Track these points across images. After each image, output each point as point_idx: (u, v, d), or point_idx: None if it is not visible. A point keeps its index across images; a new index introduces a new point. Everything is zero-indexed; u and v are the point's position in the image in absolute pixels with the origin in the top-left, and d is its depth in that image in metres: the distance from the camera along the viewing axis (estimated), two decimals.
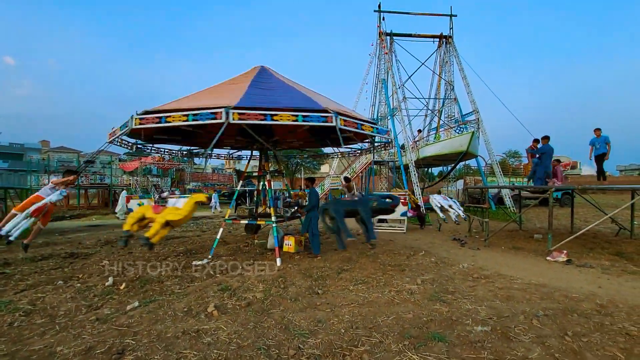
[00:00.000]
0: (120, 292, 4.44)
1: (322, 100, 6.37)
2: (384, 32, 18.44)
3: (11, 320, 3.51)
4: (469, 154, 15.58)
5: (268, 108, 5.24)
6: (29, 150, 46.85)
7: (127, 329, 3.32)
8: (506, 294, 4.40)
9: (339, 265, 5.84)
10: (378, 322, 3.48)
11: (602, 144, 8.99)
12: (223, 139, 8.16)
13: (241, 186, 8.21)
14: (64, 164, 34.80)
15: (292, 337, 3.15)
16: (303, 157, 24.19)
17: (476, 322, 3.49)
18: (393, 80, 17.90)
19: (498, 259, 6.72)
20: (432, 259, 6.53)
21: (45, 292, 4.42)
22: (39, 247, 7.67)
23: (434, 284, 4.86)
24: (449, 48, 19.01)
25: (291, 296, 4.27)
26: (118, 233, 10.41)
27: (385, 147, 8.78)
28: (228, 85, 6.68)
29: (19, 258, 6.40)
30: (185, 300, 4.10)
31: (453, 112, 19.66)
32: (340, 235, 6.51)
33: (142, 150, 8.62)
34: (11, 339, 3.12)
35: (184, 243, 8.29)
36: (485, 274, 5.46)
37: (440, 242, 8.63)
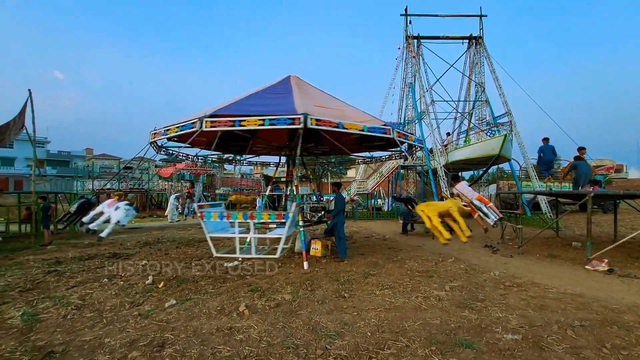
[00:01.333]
0: (159, 290, 4.75)
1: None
2: (410, 36, 18.29)
3: (65, 313, 3.88)
4: (502, 157, 15.00)
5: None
6: (74, 157, 50.49)
7: (166, 324, 3.57)
8: (539, 303, 4.25)
9: (365, 270, 5.87)
10: (404, 327, 3.49)
11: None
12: (255, 145, 8.50)
13: (269, 191, 8.45)
14: (106, 170, 37.17)
15: (319, 337, 3.24)
16: (330, 163, 24.32)
17: (506, 330, 3.41)
18: (421, 83, 17.66)
19: (532, 267, 6.46)
20: (462, 265, 6.39)
21: (93, 289, 4.82)
22: (85, 247, 8.31)
23: (463, 291, 4.78)
24: (479, 49, 18.50)
25: (318, 299, 4.37)
26: (155, 235, 11.04)
27: (410, 150, 8.69)
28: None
29: (68, 257, 6.98)
30: (218, 300, 4.32)
31: (484, 114, 19.05)
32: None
33: (176, 156, 9.11)
34: (66, 330, 3.45)
35: (216, 245, 8.62)
36: (518, 282, 5.29)
37: (471, 249, 8.40)
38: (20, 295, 4.55)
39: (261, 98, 6.57)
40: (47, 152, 48.20)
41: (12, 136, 10.90)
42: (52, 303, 4.19)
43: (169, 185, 24.84)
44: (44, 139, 47.48)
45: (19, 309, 3.96)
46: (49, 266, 6.16)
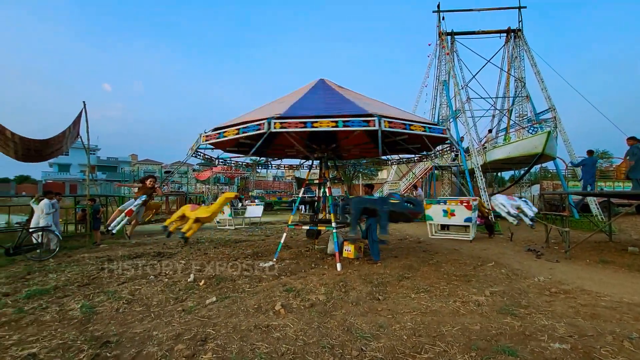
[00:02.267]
0: (200, 288, 4.99)
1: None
2: (444, 32, 17.77)
3: (117, 307, 4.20)
4: (545, 156, 14.06)
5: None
6: (121, 163, 54.26)
7: (207, 320, 3.75)
8: (590, 312, 3.97)
9: (399, 273, 5.78)
10: (442, 332, 3.41)
11: None
12: (286, 148, 8.67)
13: (302, 193, 8.58)
14: (149, 174, 39.50)
15: (354, 339, 3.25)
16: (361, 164, 24.16)
17: (553, 339, 3.23)
18: (455, 80, 17.07)
19: (581, 273, 6.02)
20: (503, 270, 6.10)
21: (141, 285, 5.16)
22: (133, 247, 8.91)
23: (504, 296, 4.56)
24: (519, 42, 17.56)
25: (352, 300, 4.38)
26: (195, 236, 11.56)
27: (449, 149, 8.43)
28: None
29: (119, 255, 7.53)
30: (255, 298, 4.46)
31: (525, 110, 18.03)
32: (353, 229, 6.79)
33: (212, 161, 9.50)
34: (119, 322, 3.74)
35: (251, 246, 8.91)
36: (565, 288, 4.96)
37: (512, 253, 7.99)
38: (78, 289, 4.99)
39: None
40: (98, 158, 52.19)
41: (69, 145, 11.96)
42: (106, 297, 4.56)
43: (206, 188, 25.92)
44: (95, 146, 51.42)
45: (78, 302, 4.34)
46: (102, 263, 6.68)
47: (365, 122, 5.19)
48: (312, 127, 5.27)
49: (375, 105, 6.37)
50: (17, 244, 7.18)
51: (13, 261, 6.98)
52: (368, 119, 5.20)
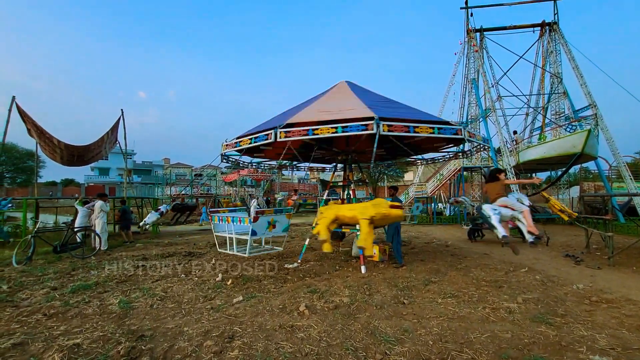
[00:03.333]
0: (227, 287, 5.15)
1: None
2: (472, 29, 17.20)
3: (151, 303, 4.43)
4: (585, 155, 13.20)
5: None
6: (155, 166, 56.93)
7: (234, 318, 3.87)
8: (637, 323, 3.69)
9: (425, 277, 5.66)
10: (470, 338, 3.30)
11: None
12: (310, 152, 8.75)
13: (327, 195, 8.61)
14: (181, 177, 41.20)
15: (378, 342, 3.23)
16: (385, 166, 23.85)
17: (593, 351, 3.03)
18: (485, 78, 16.45)
19: (626, 281, 5.61)
20: (537, 276, 5.80)
21: (173, 283, 5.41)
22: (166, 247, 9.33)
23: (538, 304, 4.34)
24: (554, 36, 16.65)
25: (376, 303, 4.34)
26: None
27: (477, 150, 8.13)
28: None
29: (153, 254, 7.92)
30: (280, 299, 4.54)
31: (562, 108, 17.04)
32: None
33: (239, 164, 9.75)
34: (153, 318, 3.94)
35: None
36: (608, 297, 4.64)
37: (548, 259, 7.57)
38: (117, 285, 5.31)
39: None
40: (134, 162, 55.08)
41: (108, 150, 12.77)
42: (141, 293, 4.82)
43: (233, 191, 26.69)
44: (132, 151, 54.33)
45: (117, 297, 4.62)
46: (137, 262, 7.06)
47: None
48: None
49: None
50: (63, 242, 7.76)
51: (60, 258, 7.53)
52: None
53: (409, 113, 6.32)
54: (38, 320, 3.85)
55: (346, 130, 5.28)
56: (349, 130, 5.28)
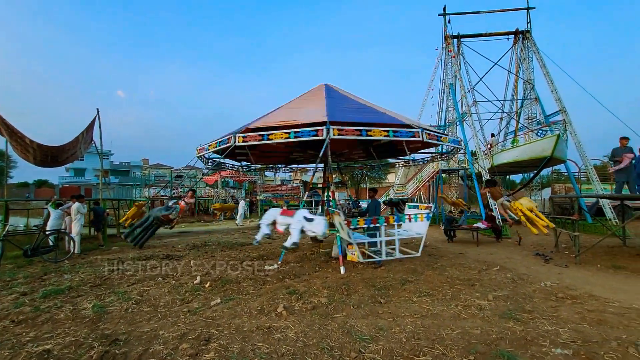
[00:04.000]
0: (205, 290, 5.12)
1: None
2: (450, 35, 17.71)
3: (126, 307, 4.35)
4: (555, 159, 13.85)
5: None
6: (133, 167, 55.30)
7: (211, 321, 3.86)
8: (597, 318, 3.92)
9: (402, 277, 5.80)
10: (442, 335, 3.43)
11: None
12: (293, 154, 8.79)
13: (307, 196, 8.67)
14: (160, 178, 40.27)
15: (353, 341, 3.31)
16: (367, 168, 24.16)
17: (555, 344, 3.21)
18: (462, 83, 16.98)
19: (591, 278, 5.93)
20: (508, 274, 6.05)
21: (149, 286, 5.32)
22: (143, 250, 9.12)
23: (508, 301, 4.55)
24: (527, 44, 17.37)
25: (354, 303, 4.43)
26: (202, 239, 11.76)
27: (451, 154, 8.40)
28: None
29: (129, 258, 7.73)
30: (259, 301, 4.55)
31: (534, 113, 17.79)
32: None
33: (221, 164, 9.68)
34: (127, 322, 3.87)
35: (257, 249, 9.02)
36: (573, 294, 4.90)
37: (520, 257, 7.90)
38: (91, 289, 5.17)
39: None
40: (111, 163, 53.32)
41: (84, 151, 12.36)
42: (116, 297, 4.72)
43: (214, 192, 26.32)
44: (108, 151, 52.59)
45: (90, 302, 4.51)
46: (113, 265, 6.89)
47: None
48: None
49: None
50: (34, 245, 7.47)
51: (31, 262, 7.25)
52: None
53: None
54: (5, 327, 3.72)
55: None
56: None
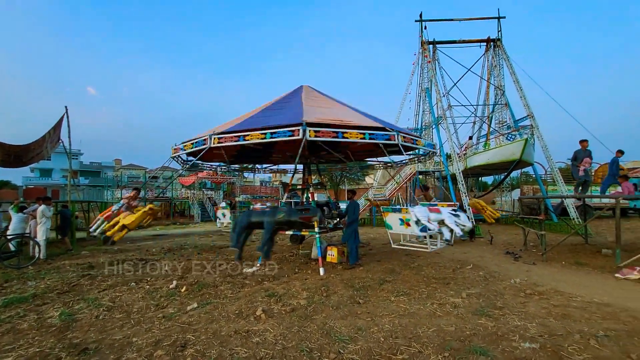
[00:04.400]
0: (181, 294, 4.99)
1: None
2: (426, 41, 18.22)
3: (97, 314, 4.16)
4: (523, 162, 14.56)
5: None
6: (105, 168, 53.00)
7: (188, 326, 3.76)
8: (562, 312, 4.15)
9: (381, 277, 5.90)
10: (418, 333, 3.52)
11: None
12: (273, 155, 8.74)
13: (287, 198, 8.63)
14: (133, 179, 38.87)
15: (333, 342, 3.33)
16: (347, 169, 24.36)
17: (524, 339, 3.37)
18: (437, 88, 17.52)
19: (556, 275, 6.26)
20: (481, 272, 6.28)
21: (122, 292, 5.12)
22: (115, 253, 8.77)
23: (480, 298, 4.72)
24: (498, 51, 18.16)
25: (333, 304, 4.46)
26: (178, 242, 11.46)
27: (427, 156, 8.65)
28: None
29: (100, 262, 7.41)
30: (237, 304, 4.49)
31: (504, 117, 18.60)
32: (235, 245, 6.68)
33: (198, 166, 9.47)
34: (98, 329, 3.71)
35: (235, 252, 8.87)
36: (540, 290, 5.15)
37: (491, 256, 8.22)
38: (58, 297, 4.91)
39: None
40: (81, 163, 50.86)
41: (50, 150, 11.72)
42: (86, 304, 4.51)
43: (191, 194, 25.68)
44: (78, 151, 50.14)
45: (57, 309, 4.28)
46: (83, 270, 6.58)
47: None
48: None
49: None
50: None
51: None
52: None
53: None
54: None
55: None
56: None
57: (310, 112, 6.16)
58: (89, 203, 13.28)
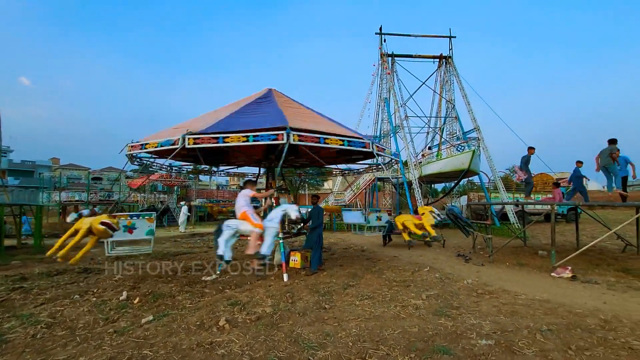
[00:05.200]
0: (134, 306, 4.60)
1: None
2: (385, 53, 19.04)
3: (34, 332, 3.68)
4: (471, 171, 15.77)
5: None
6: (39, 167, 47.71)
7: (143, 341, 3.47)
8: (510, 310, 4.48)
9: (344, 281, 5.95)
10: (385, 336, 3.59)
11: (623, 166, 8.76)
12: (233, 157, 8.47)
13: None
14: (74, 181, 35.40)
15: (301, 349, 3.27)
16: (307, 174, 24.43)
17: (480, 336, 3.58)
18: (395, 99, 18.35)
19: (502, 275, 6.78)
20: (437, 274, 6.61)
21: (64, 306, 4.59)
22: (53, 262, 7.86)
23: (438, 299, 4.95)
24: (449, 68, 19.51)
25: (299, 311, 4.40)
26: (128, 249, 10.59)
27: (387, 165, 9.00)
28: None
29: (35, 273, 6.60)
30: (197, 315, 4.24)
31: (455, 129, 19.97)
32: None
33: (148, 167, 8.89)
34: (36, 350, 3.28)
35: (192, 259, 8.44)
36: (490, 289, 5.54)
37: (445, 258, 8.69)
38: None
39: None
40: (10, 161, 45.31)
41: None
42: (19, 322, 3.96)
43: (142, 197, 23.99)
44: (7, 147, 44.61)
45: None
46: (14, 283, 5.80)
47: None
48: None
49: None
50: None
51: None
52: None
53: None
54: None
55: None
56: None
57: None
58: (21, 206, 11.79)
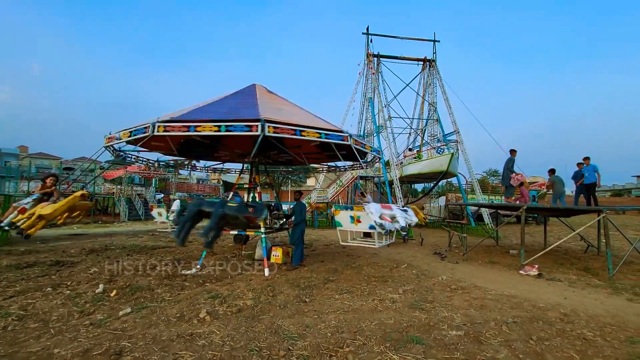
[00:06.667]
0: (111, 299, 4.53)
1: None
2: (371, 54, 19.27)
3: (5, 325, 3.58)
4: (449, 173, 16.29)
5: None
6: (5, 155, 45.17)
7: (121, 332, 3.45)
8: (480, 304, 4.74)
9: (325, 276, 6.07)
10: (362, 327, 3.73)
11: (592, 173, 9.57)
12: (218, 152, 8.41)
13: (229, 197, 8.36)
14: (43, 170, 33.83)
15: (281, 339, 3.36)
16: (290, 171, 24.45)
17: (451, 327, 3.79)
18: (379, 99, 18.63)
19: (475, 272, 7.10)
20: (414, 271, 6.84)
21: (35, 299, 4.46)
22: (22, 255, 7.57)
23: (414, 293, 5.16)
24: (432, 71, 19.98)
25: (280, 304, 4.48)
26: (102, 242, 10.32)
27: (370, 163, 9.17)
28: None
29: (3, 265, 6.34)
30: (177, 307, 4.24)
31: (435, 131, 20.49)
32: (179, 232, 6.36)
33: (125, 159, 8.67)
34: (7, 342, 3.20)
35: (170, 253, 8.33)
36: (462, 285, 5.80)
37: (422, 256, 8.98)
38: None
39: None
40: None
41: None
42: None
43: (117, 189, 23.24)
44: None
45: None
46: None
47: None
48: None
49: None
50: None
51: None
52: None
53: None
54: None
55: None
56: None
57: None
58: None
